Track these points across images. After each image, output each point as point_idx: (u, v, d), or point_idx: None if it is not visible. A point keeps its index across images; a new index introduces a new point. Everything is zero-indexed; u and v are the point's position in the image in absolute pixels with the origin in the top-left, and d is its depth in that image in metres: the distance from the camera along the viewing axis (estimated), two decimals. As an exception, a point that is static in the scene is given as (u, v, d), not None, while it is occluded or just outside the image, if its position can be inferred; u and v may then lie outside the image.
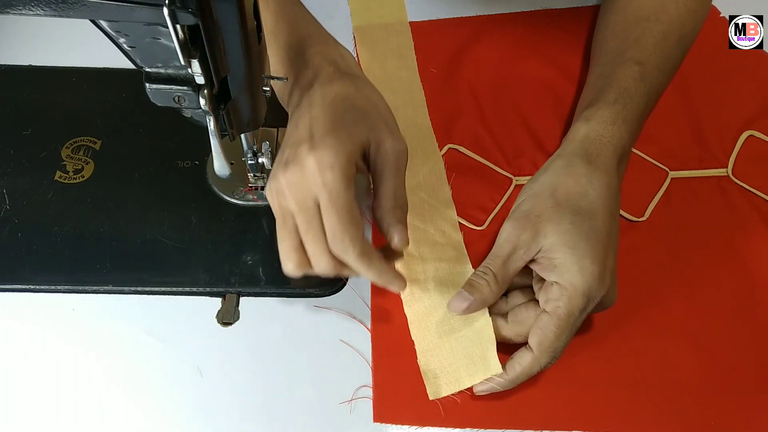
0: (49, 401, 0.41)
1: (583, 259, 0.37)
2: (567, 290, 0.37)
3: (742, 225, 0.49)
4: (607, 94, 0.45)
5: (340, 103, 0.38)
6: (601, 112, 0.44)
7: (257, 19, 0.34)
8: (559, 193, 0.40)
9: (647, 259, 0.47)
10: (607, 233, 0.39)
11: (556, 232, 0.38)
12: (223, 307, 0.44)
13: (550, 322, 0.37)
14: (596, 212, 0.39)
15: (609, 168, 0.42)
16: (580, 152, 0.43)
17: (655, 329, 0.44)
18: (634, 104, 0.45)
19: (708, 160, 0.52)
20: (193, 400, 0.41)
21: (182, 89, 0.33)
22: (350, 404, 0.41)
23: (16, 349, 0.42)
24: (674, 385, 0.42)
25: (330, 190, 0.35)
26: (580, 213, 0.39)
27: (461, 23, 0.60)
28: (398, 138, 0.38)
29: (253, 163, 0.45)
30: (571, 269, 0.37)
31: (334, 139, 0.35)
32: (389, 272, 0.38)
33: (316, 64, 0.40)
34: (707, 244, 0.48)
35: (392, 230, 0.38)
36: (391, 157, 0.38)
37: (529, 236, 0.39)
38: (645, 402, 0.41)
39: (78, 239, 0.46)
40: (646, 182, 0.50)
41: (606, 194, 0.40)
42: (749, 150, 0.52)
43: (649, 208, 0.49)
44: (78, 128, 0.51)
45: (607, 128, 0.43)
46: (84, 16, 0.28)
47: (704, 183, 0.51)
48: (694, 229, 0.49)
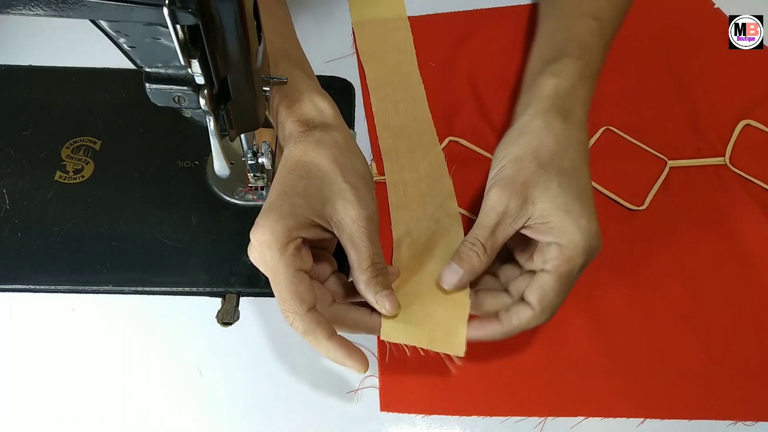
0: (49, 401, 0.41)
1: (580, 219, 0.37)
2: (568, 249, 0.36)
3: (740, 212, 0.49)
4: (569, 48, 0.45)
5: (297, 170, 0.37)
6: (568, 69, 0.44)
7: (257, 19, 0.34)
8: (541, 155, 0.39)
9: (647, 246, 0.48)
10: (590, 189, 0.39)
11: (546, 197, 0.37)
12: (223, 307, 0.44)
13: (551, 279, 0.36)
14: (579, 169, 0.39)
15: (581, 123, 0.42)
16: (554, 109, 0.41)
17: (655, 315, 0.45)
18: (595, 60, 0.45)
19: (706, 149, 0.53)
20: (193, 400, 0.41)
21: (182, 89, 0.33)
22: (357, 394, 0.41)
23: (16, 349, 0.42)
24: (675, 369, 0.43)
25: (270, 268, 0.35)
26: (565, 173, 0.38)
27: (458, 17, 0.61)
28: (364, 204, 0.36)
29: (253, 163, 0.45)
30: (569, 229, 0.36)
31: (273, 216, 0.35)
32: (339, 349, 0.35)
33: (288, 128, 0.40)
34: (706, 231, 0.49)
35: (380, 299, 0.37)
36: (359, 226, 0.36)
37: (517, 204, 0.37)
38: (647, 387, 0.42)
39: (78, 239, 0.46)
40: (645, 172, 0.51)
41: (583, 150, 0.40)
42: (746, 139, 0.53)
43: (648, 197, 0.50)
44: (78, 128, 0.51)
45: (575, 84, 0.43)
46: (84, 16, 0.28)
47: (702, 172, 0.52)
48: (693, 217, 0.49)
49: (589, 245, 0.37)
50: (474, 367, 0.42)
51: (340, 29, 0.59)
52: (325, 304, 0.38)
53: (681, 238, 0.48)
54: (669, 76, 0.55)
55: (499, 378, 0.42)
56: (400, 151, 0.51)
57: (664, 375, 0.42)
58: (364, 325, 0.38)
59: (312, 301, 0.35)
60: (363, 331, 0.38)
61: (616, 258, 0.47)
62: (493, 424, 0.41)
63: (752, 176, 0.51)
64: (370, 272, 0.36)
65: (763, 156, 0.52)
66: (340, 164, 0.38)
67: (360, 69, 0.57)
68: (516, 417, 0.41)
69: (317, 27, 0.59)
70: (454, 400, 0.41)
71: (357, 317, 0.38)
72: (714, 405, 0.41)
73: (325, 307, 0.37)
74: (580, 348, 0.43)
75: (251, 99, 0.37)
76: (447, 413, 0.41)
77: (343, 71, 0.56)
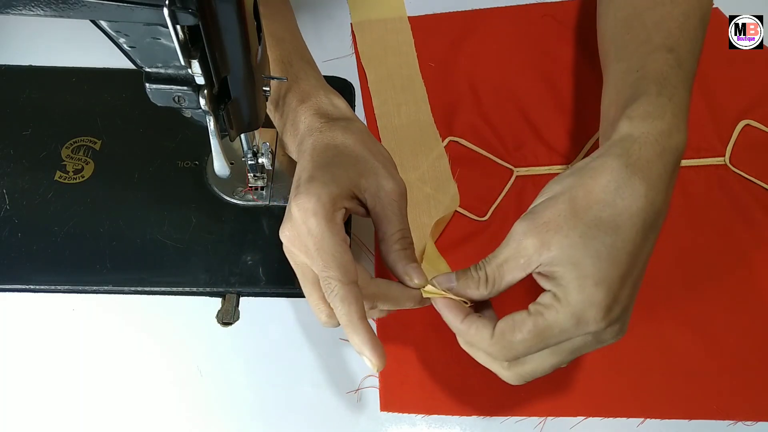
0: (49, 401, 0.41)
1: (586, 279, 0.31)
2: (559, 302, 0.32)
3: (740, 212, 0.49)
4: (646, 86, 0.38)
5: (329, 151, 0.38)
6: (644, 107, 0.36)
7: (257, 19, 0.34)
8: (578, 199, 0.33)
9: None
10: (628, 254, 0.32)
11: (561, 245, 0.32)
12: (223, 307, 0.44)
13: (523, 319, 0.32)
14: (620, 227, 0.32)
15: (651, 174, 0.34)
16: (617, 151, 0.34)
17: (655, 316, 0.45)
18: (679, 95, 0.38)
19: (705, 149, 0.52)
20: (193, 400, 0.41)
21: (182, 89, 0.33)
22: (357, 393, 0.41)
23: (16, 349, 0.42)
24: (675, 369, 0.43)
25: (314, 236, 0.34)
26: (597, 225, 0.32)
27: (457, 17, 0.61)
28: (397, 180, 0.37)
29: (253, 163, 0.45)
30: (570, 284, 0.32)
31: (316, 184, 0.35)
32: (366, 334, 0.34)
33: (307, 121, 0.40)
34: (706, 231, 0.49)
35: (409, 271, 0.36)
36: (391, 199, 0.37)
37: (533, 244, 0.33)
38: (647, 387, 0.42)
39: (78, 239, 0.46)
40: None
41: (639, 207, 0.33)
42: (746, 139, 0.53)
43: None
44: (78, 128, 0.51)
45: (654, 124, 0.35)
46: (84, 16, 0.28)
47: (702, 172, 0.51)
48: (693, 217, 0.49)
49: (582, 312, 0.31)
50: (474, 368, 0.42)
51: (339, 29, 0.59)
52: (367, 280, 0.36)
53: (680, 238, 0.48)
54: None
55: (499, 378, 0.42)
56: (403, 153, 0.51)
57: (664, 375, 0.43)
58: (408, 296, 0.37)
59: (355, 273, 0.34)
60: (407, 302, 0.37)
61: None
62: (493, 424, 0.41)
63: (752, 176, 0.51)
64: (400, 244, 0.37)
65: (763, 156, 0.52)
66: (369, 147, 0.38)
67: (360, 69, 0.57)
68: (516, 417, 0.41)
69: (316, 27, 0.59)
70: (454, 400, 0.41)
71: (400, 289, 0.37)
72: (714, 405, 0.42)
73: (367, 281, 0.36)
74: None
75: (251, 99, 0.37)
76: (447, 413, 0.41)
77: (343, 71, 0.56)
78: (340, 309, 0.34)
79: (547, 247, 0.32)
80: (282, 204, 0.48)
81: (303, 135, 0.40)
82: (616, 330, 0.33)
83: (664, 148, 0.35)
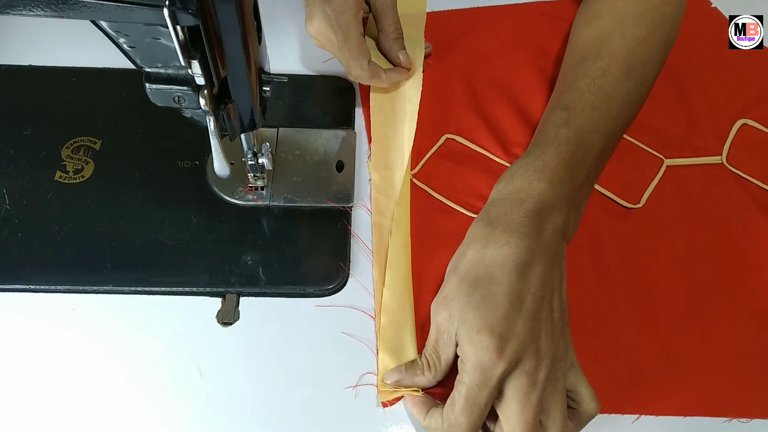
0: (49, 401, 0.41)
1: (471, 332, 0.35)
2: (463, 363, 0.35)
3: (737, 210, 0.50)
4: (529, 147, 0.44)
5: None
6: (515, 167, 0.42)
7: (257, 19, 0.34)
8: (460, 267, 0.38)
9: (643, 244, 0.48)
10: (505, 296, 0.35)
11: (456, 309, 0.36)
12: (223, 307, 0.44)
13: (453, 395, 0.36)
14: (493, 276, 0.36)
15: (510, 223, 0.38)
16: (481, 216, 0.40)
17: (651, 312, 0.45)
18: (552, 151, 0.41)
19: (703, 148, 0.53)
20: (193, 400, 0.41)
21: (182, 89, 0.33)
22: (355, 390, 0.41)
23: (16, 349, 0.42)
24: (671, 366, 0.43)
25: (342, 29, 0.48)
26: (475, 283, 0.36)
27: (454, 15, 0.61)
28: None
29: (253, 163, 0.45)
30: (462, 342, 0.35)
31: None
32: (389, 73, 0.51)
33: None
34: (702, 229, 0.49)
35: (399, 54, 0.52)
36: (388, 1, 0.51)
37: (444, 318, 0.37)
38: (642, 383, 0.42)
39: (78, 239, 0.46)
40: (641, 170, 0.52)
41: (505, 253, 0.36)
42: (743, 138, 0.54)
43: (644, 195, 0.50)
44: (78, 128, 0.51)
45: (511, 183, 0.41)
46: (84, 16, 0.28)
47: (699, 170, 0.52)
48: (690, 215, 0.50)
49: (479, 361, 0.34)
50: None
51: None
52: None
53: (677, 235, 0.48)
54: (667, 76, 0.56)
55: None
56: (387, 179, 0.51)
57: (660, 371, 0.43)
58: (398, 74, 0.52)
59: (369, 56, 0.50)
60: (396, 77, 0.52)
61: (612, 255, 0.47)
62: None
63: (749, 175, 0.51)
64: (394, 34, 0.52)
65: (760, 155, 0.53)
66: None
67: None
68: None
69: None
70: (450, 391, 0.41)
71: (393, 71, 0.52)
72: (709, 402, 0.42)
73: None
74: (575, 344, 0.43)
75: (251, 99, 0.37)
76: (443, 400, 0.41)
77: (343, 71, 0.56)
78: (372, 81, 0.51)
79: (452, 315, 0.37)
80: (282, 204, 0.48)
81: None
82: (532, 361, 0.35)
83: (523, 200, 0.39)
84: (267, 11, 0.37)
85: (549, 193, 0.39)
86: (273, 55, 0.40)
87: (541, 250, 0.37)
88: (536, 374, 0.35)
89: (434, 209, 0.49)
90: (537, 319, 0.36)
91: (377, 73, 0.50)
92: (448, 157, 0.51)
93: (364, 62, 0.49)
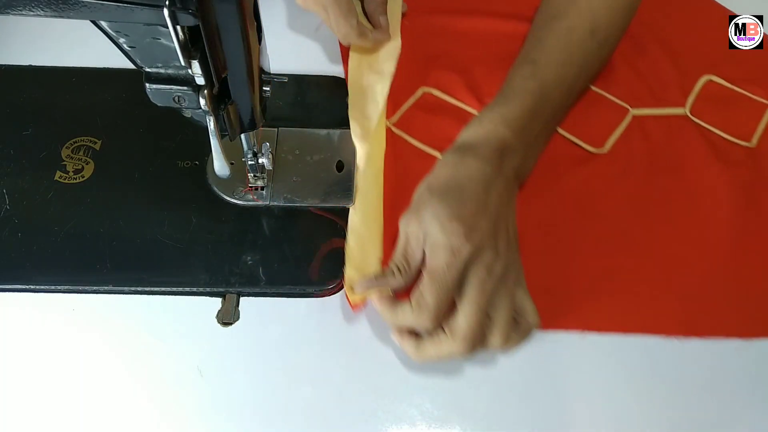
0: (49, 401, 0.41)
1: (444, 220, 0.39)
2: (433, 246, 0.39)
3: (696, 156, 0.52)
4: (497, 96, 0.48)
5: None
6: (483, 114, 0.46)
7: (257, 19, 0.34)
8: (431, 182, 0.43)
9: (603, 184, 0.50)
10: (475, 202, 0.41)
11: (428, 212, 0.40)
12: (223, 307, 0.44)
13: (424, 277, 0.39)
14: (463, 186, 0.41)
15: (479, 155, 0.43)
16: (451, 150, 0.45)
17: (604, 242, 0.48)
18: (517, 101, 0.46)
19: (668, 100, 0.55)
20: (193, 400, 0.41)
21: (182, 89, 0.33)
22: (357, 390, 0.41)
23: (16, 349, 0.42)
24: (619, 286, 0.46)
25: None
26: (447, 191, 0.41)
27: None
28: None
29: (253, 163, 0.45)
30: (434, 231, 0.39)
31: None
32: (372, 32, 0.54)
33: None
34: (661, 172, 0.51)
35: (381, 20, 0.55)
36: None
37: (415, 225, 0.41)
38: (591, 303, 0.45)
39: (78, 239, 0.46)
40: (608, 118, 0.54)
41: (473, 172, 0.42)
42: (707, 93, 0.56)
43: (609, 141, 0.53)
44: (78, 128, 0.51)
45: (483, 127, 0.45)
46: (84, 16, 0.28)
47: (663, 120, 0.54)
48: (650, 159, 0.52)
49: (449, 242, 0.39)
50: None
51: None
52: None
53: (636, 177, 0.51)
54: (639, 32, 0.57)
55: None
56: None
57: (607, 290, 0.46)
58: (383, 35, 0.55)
59: (357, 15, 0.52)
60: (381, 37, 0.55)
61: (575, 194, 0.50)
62: (493, 424, 0.41)
63: (710, 125, 0.54)
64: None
65: (722, 108, 0.55)
66: None
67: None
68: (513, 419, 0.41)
69: (316, 23, 0.59)
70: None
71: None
72: (657, 320, 0.45)
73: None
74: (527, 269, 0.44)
75: (251, 99, 0.37)
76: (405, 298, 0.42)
77: (342, 71, 0.56)
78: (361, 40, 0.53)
79: (421, 220, 0.40)
80: (282, 204, 0.48)
81: None
82: (491, 254, 0.40)
83: (488, 140, 0.44)
84: (267, 11, 0.37)
85: (511, 139, 0.45)
86: (273, 55, 0.40)
87: (501, 178, 0.43)
88: (493, 267, 0.39)
89: (411, 155, 0.51)
90: (497, 226, 0.41)
91: (364, 32, 0.53)
92: (424, 109, 0.54)
93: (353, 20, 0.51)
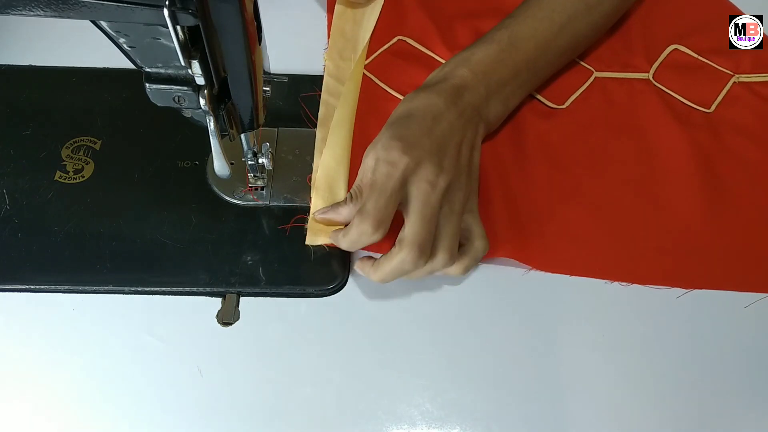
0: (49, 401, 0.41)
1: (386, 141, 0.41)
2: (375, 165, 0.40)
3: (655, 118, 0.53)
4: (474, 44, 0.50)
5: None
6: (446, 61, 0.49)
7: (257, 19, 0.34)
8: (391, 118, 0.44)
9: (562, 139, 0.52)
10: (420, 125, 0.42)
11: (379, 142, 0.42)
12: (223, 307, 0.44)
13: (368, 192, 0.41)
14: (412, 114, 0.43)
15: (434, 90, 0.45)
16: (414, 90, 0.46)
17: (561, 192, 0.49)
18: (482, 47, 0.48)
19: (633, 65, 0.57)
20: (193, 400, 0.41)
21: (182, 89, 0.33)
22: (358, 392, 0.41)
23: (16, 349, 0.42)
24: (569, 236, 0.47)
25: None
26: (398, 120, 0.43)
27: None
28: None
29: (253, 163, 0.45)
30: (379, 153, 0.41)
31: None
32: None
33: None
34: (620, 132, 0.53)
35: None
36: None
37: (371, 159, 0.41)
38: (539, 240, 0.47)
39: (78, 239, 0.46)
40: (571, 78, 0.56)
41: (425, 103, 0.44)
42: (672, 60, 0.57)
43: (570, 99, 0.54)
44: (78, 128, 0.51)
45: (443, 69, 0.48)
46: (84, 16, 0.28)
47: (626, 84, 0.56)
48: (610, 119, 0.53)
49: (387, 156, 0.40)
50: None
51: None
52: None
53: (595, 134, 0.52)
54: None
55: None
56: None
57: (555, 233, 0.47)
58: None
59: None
60: None
61: (534, 144, 0.51)
62: (493, 424, 0.41)
63: (672, 90, 0.55)
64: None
65: (685, 75, 0.56)
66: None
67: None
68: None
69: (316, 23, 0.59)
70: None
71: None
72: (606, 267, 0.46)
73: None
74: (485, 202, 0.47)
75: (251, 99, 0.37)
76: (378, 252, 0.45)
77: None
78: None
79: (375, 149, 0.41)
80: (282, 204, 0.48)
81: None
82: (433, 169, 0.40)
83: (446, 78, 0.46)
84: (267, 11, 0.37)
85: (469, 77, 0.46)
86: (273, 55, 0.40)
87: (455, 110, 0.44)
88: (436, 182, 0.40)
89: (380, 98, 0.53)
90: (442, 147, 0.42)
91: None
92: (398, 55, 0.55)
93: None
